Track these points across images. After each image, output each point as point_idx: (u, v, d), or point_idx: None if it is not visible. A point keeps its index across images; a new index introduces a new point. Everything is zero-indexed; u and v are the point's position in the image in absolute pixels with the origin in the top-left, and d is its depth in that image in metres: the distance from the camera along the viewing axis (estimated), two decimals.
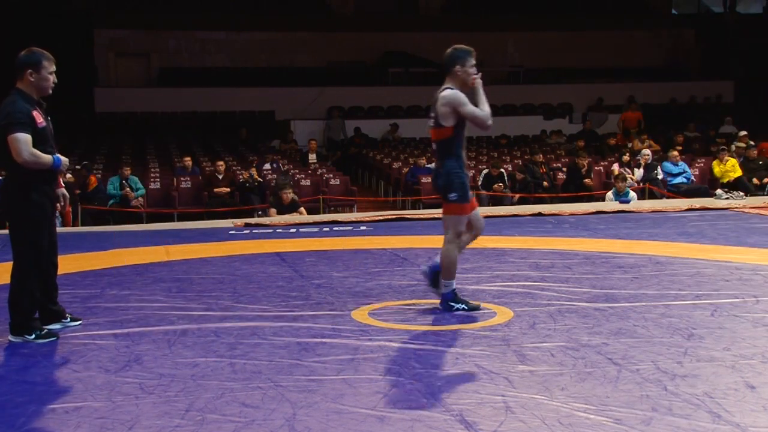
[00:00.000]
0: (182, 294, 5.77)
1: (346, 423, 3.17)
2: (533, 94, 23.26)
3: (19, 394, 3.60)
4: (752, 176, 14.40)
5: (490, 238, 8.38)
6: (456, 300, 5.08)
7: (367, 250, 7.73)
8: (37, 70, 4.55)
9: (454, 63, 5.05)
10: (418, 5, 25.53)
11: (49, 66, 4.60)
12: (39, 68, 4.55)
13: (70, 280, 6.29)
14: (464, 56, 5.06)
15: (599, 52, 24.82)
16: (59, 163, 4.62)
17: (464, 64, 5.03)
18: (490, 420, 3.17)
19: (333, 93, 21.91)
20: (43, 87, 4.60)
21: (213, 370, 3.89)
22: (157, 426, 3.16)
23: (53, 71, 4.63)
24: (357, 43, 23.69)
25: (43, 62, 4.56)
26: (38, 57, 4.57)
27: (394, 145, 19.67)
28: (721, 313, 4.86)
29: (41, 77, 4.56)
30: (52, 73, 4.62)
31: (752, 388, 3.48)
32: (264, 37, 23.65)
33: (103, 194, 12.79)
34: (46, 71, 4.58)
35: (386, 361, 3.98)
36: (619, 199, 12.27)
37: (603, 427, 3.08)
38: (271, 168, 14.91)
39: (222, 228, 10.01)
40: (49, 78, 4.59)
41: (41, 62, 4.56)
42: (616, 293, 5.52)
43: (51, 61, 4.62)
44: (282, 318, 4.95)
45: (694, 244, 7.75)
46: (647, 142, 17.59)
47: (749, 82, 23.91)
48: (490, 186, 13.90)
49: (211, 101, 21.56)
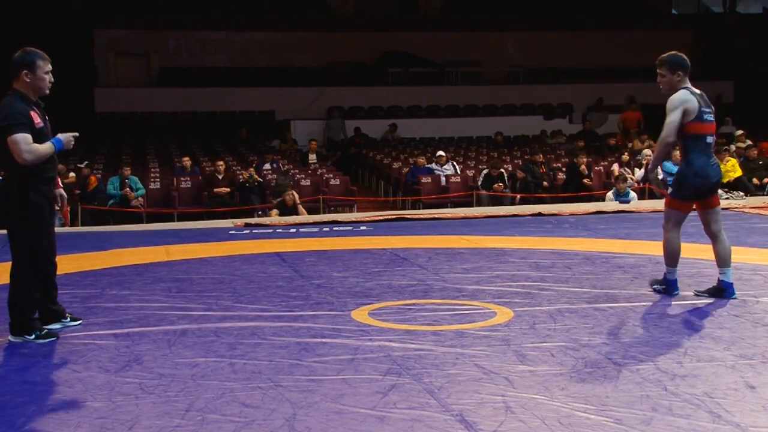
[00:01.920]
0: (182, 294, 5.77)
1: (346, 423, 3.17)
2: (533, 94, 23.27)
3: (19, 394, 3.60)
4: (752, 176, 14.40)
5: (490, 238, 8.39)
6: (671, 287, 5.39)
7: (367, 250, 7.73)
8: (33, 70, 4.52)
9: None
10: (418, 5, 25.52)
11: (45, 66, 4.56)
12: (34, 68, 4.52)
13: (70, 280, 6.29)
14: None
15: (599, 52, 24.82)
16: (60, 145, 4.58)
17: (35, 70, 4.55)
18: (490, 420, 3.17)
19: (333, 93, 21.91)
20: (40, 87, 4.57)
21: (213, 370, 3.89)
22: (157, 426, 3.16)
23: (49, 71, 4.60)
24: (357, 43, 23.69)
25: (37, 62, 4.53)
26: (33, 57, 4.53)
27: (394, 145, 19.67)
28: (721, 313, 4.86)
29: (37, 77, 4.53)
30: (48, 72, 4.59)
31: (752, 388, 3.48)
32: (264, 37, 23.66)
33: (103, 194, 12.79)
34: (42, 71, 4.55)
35: (386, 361, 3.98)
36: (619, 199, 12.27)
37: (603, 427, 3.08)
38: (271, 168, 14.91)
39: (222, 228, 10.01)
40: (45, 78, 4.56)
41: (36, 62, 4.53)
42: (616, 293, 5.52)
43: (46, 60, 4.58)
44: (282, 318, 4.95)
45: (694, 244, 7.75)
46: (647, 142, 17.59)
47: (749, 82, 23.90)
48: (490, 186, 13.91)
49: (211, 101, 21.56)
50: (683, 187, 5.23)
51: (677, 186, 5.28)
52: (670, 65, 5.34)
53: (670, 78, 5.33)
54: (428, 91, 23.16)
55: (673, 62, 5.34)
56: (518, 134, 20.85)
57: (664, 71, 5.36)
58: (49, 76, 4.59)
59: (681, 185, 5.25)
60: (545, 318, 4.83)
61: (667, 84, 5.36)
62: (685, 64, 5.33)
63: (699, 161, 5.18)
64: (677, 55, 5.37)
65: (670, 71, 5.33)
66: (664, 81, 5.37)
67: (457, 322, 4.78)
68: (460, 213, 11.29)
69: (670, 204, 5.32)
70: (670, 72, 5.33)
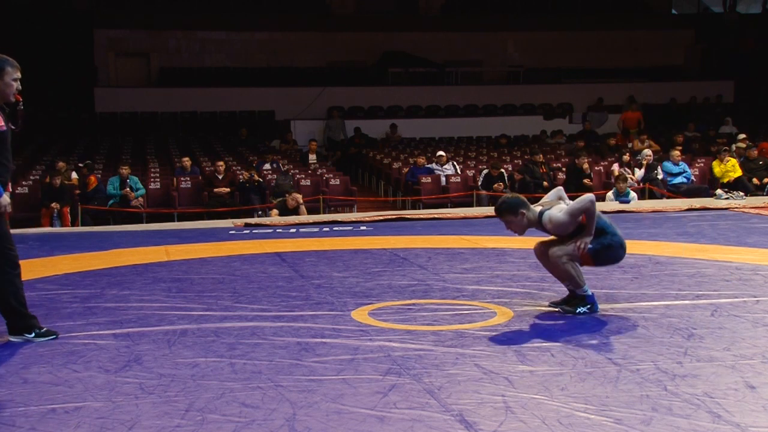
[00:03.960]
0: (182, 294, 5.77)
1: (346, 423, 3.17)
2: (533, 94, 23.28)
3: (19, 394, 3.60)
4: (752, 176, 14.40)
5: (490, 238, 8.39)
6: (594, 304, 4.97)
7: (367, 250, 7.73)
8: (1, 76, 4.47)
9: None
10: (417, 5, 25.53)
11: (14, 72, 4.49)
12: (2, 74, 4.47)
13: (70, 280, 6.29)
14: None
15: (599, 52, 24.84)
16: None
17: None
18: (490, 420, 3.17)
19: (333, 93, 21.92)
20: (6, 93, 4.50)
21: (213, 370, 3.89)
22: (157, 426, 3.16)
23: (17, 78, 4.52)
24: (357, 43, 23.71)
25: (6, 68, 4.47)
26: (2, 63, 4.50)
27: (394, 145, 19.67)
28: (721, 313, 4.86)
29: (5, 83, 4.46)
30: (17, 80, 4.51)
31: (752, 388, 3.48)
32: (264, 37, 23.68)
33: (103, 194, 12.80)
34: (10, 77, 4.48)
35: (386, 361, 3.98)
36: (619, 199, 12.27)
37: (603, 427, 3.08)
38: (271, 168, 14.92)
39: (222, 228, 10.02)
40: (12, 85, 4.48)
41: (5, 68, 4.47)
42: (616, 293, 5.52)
43: (16, 68, 4.50)
44: (282, 318, 4.95)
45: (694, 244, 7.75)
46: (647, 142, 17.60)
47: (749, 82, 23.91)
48: (490, 186, 13.91)
49: (211, 101, 21.57)
50: (603, 255, 4.93)
51: (598, 251, 4.89)
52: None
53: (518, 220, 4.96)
54: (428, 91, 23.17)
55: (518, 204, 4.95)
56: (518, 134, 20.86)
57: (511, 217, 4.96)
58: (17, 84, 4.51)
59: (603, 253, 4.92)
60: (545, 318, 4.83)
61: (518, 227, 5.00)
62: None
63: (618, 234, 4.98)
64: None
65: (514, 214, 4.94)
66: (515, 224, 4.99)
67: (457, 322, 4.77)
68: (460, 213, 11.29)
69: (582, 256, 4.85)
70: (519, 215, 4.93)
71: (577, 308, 4.93)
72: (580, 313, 4.90)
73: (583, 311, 4.92)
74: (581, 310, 4.92)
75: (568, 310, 4.96)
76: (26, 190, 12.84)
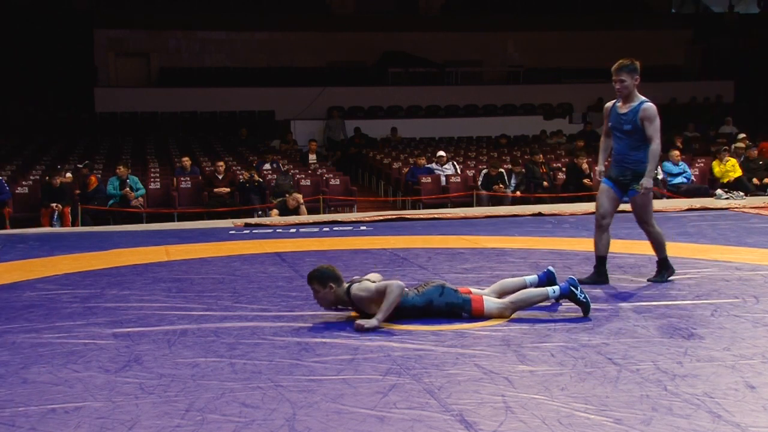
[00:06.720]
0: (182, 294, 5.76)
1: (346, 423, 3.17)
2: (533, 94, 23.29)
3: (19, 394, 3.59)
4: (752, 176, 14.40)
5: (490, 238, 8.39)
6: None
7: (367, 250, 7.73)
8: None
9: None
10: (417, 5, 25.54)
11: None
12: None
13: (70, 280, 6.29)
14: None
15: (599, 52, 24.79)
16: None
17: None
18: (490, 420, 3.17)
19: (333, 93, 21.93)
20: None
21: (213, 370, 3.89)
22: (157, 426, 3.16)
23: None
24: (357, 43, 23.70)
25: None
26: None
27: (394, 145, 19.68)
28: (721, 313, 4.86)
29: None
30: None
31: (752, 388, 3.48)
32: (264, 37, 23.68)
33: (103, 194, 12.79)
34: None
35: (386, 361, 3.98)
36: None
37: (603, 427, 3.08)
38: (271, 168, 14.92)
39: (222, 228, 10.02)
40: None
41: None
42: (616, 293, 5.52)
43: None
44: (282, 318, 4.95)
45: (694, 244, 7.75)
46: None
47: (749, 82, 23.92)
48: (490, 186, 13.91)
49: (211, 101, 21.58)
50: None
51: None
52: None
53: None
54: (428, 91, 23.17)
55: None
56: (518, 134, 20.86)
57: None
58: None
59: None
60: (545, 318, 4.84)
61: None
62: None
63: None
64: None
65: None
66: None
67: (457, 322, 4.77)
68: (460, 213, 11.29)
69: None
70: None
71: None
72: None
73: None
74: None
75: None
76: (26, 190, 12.83)
